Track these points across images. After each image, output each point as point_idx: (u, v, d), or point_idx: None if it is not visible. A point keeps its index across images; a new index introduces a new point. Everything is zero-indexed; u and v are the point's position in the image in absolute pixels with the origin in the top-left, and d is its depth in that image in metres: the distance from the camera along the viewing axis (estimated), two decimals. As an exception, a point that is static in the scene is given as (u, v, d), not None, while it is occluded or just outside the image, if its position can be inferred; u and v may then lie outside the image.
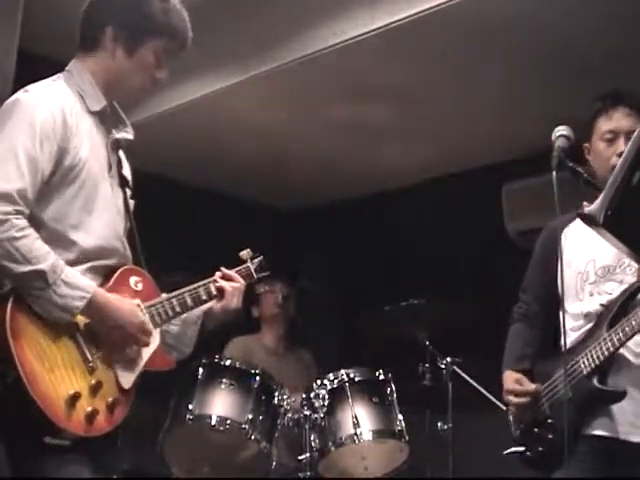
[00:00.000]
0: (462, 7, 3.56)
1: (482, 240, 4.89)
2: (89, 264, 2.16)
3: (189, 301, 2.36)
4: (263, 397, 3.49)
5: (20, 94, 2.16)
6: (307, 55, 4.08)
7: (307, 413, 3.54)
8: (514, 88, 4.30)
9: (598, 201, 1.62)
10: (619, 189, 1.58)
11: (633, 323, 2.41)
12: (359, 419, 3.47)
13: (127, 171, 2.41)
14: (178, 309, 2.33)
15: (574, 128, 2.47)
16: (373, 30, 3.83)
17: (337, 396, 3.55)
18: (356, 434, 3.44)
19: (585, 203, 2.67)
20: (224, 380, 3.48)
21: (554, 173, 2.26)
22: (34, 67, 2.71)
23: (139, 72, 2.30)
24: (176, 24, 2.32)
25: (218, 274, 2.49)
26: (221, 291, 2.44)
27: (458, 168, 5.23)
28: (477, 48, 3.93)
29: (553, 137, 2.38)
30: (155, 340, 2.26)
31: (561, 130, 2.38)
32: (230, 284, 2.46)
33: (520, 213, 4.73)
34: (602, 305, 2.57)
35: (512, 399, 2.71)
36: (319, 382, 3.61)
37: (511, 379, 2.73)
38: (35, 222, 2.07)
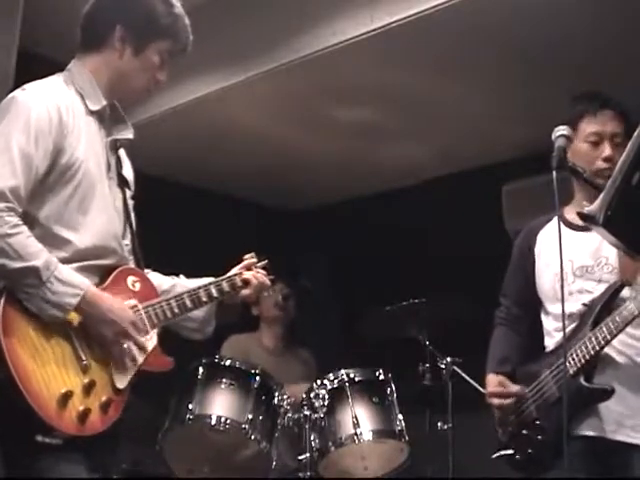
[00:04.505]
0: (462, 7, 3.56)
1: (482, 240, 4.88)
2: (84, 263, 2.15)
3: (188, 302, 2.35)
4: (263, 397, 3.49)
5: (17, 92, 2.17)
6: (307, 55, 4.08)
7: (307, 413, 3.54)
8: (514, 88, 4.29)
9: (598, 201, 1.62)
10: (619, 189, 1.58)
11: (618, 321, 2.42)
12: (359, 419, 3.47)
13: (127, 171, 2.41)
14: (176, 310, 2.32)
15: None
16: (373, 30, 3.83)
17: (337, 396, 3.55)
18: (356, 434, 3.44)
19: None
20: (224, 380, 3.48)
21: (554, 173, 2.26)
22: (34, 67, 2.71)
23: (143, 72, 2.32)
24: (179, 27, 2.35)
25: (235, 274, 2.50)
26: (236, 287, 2.46)
27: (458, 168, 5.22)
28: (477, 48, 3.93)
29: (553, 137, 2.38)
30: (152, 341, 2.25)
31: (561, 130, 2.38)
32: (254, 276, 2.49)
33: (520, 213, 4.72)
34: (584, 305, 2.58)
35: (495, 402, 2.73)
36: (319, 382, 3.61)
37: (493, 382, 2.76)
38: (30, 220, 2.07)
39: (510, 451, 2.70)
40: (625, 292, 2.51)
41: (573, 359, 2.50)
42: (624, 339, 2.49)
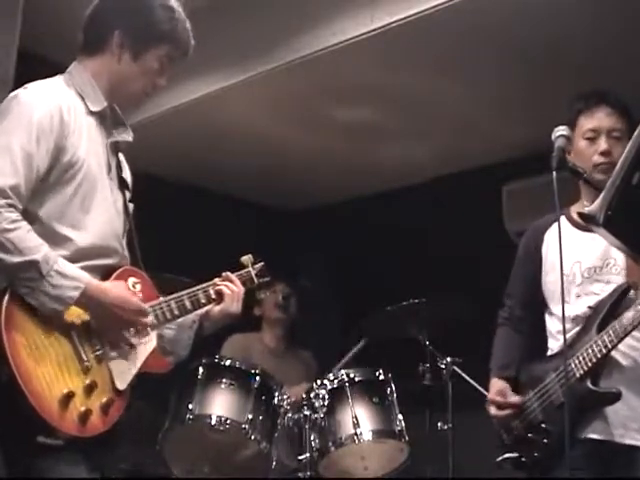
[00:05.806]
0: (462, 7, 3.56)
1: (482, 240, 4.88)
2: (86, 263, 2.15)
3: (188, 304, 2.36)
4: (263, 397, 3.49)
5: (19, 91, 2.18)
6: (307, 55, 4.08)
7: (307, 413, 3.54)
8: (514, 88, 4.29)
9: (598, 201, 1.61)
10: (619, 189, 1.58)
11: (624, 324, 2.41)
12: (359, 419, 3.47)
13: (127, 174, 2.42)
14: (176, 312, 2.33)
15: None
16: (373, 30, 3.83)
17: (337, 396, 3.55)
18: (356, 434, 3.44)
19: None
20: (224, 380, 3.48)
21: (554, 173, 2.26)
22: (34, 67, 2.72)
23: (142, 77, 2.33)
24: (180, 33, 2.36)
25: (218, 279, 2.49)
26: (220, 294, 2.44)
27: (458, 168, 5.22)
28: (477, 48, 3.93)
29: (553, 137, 2.38)
30: (152, 342, 2.25)
31: (561, 130, 2.38)
32: (230, 287, 2.46)
33: (520, 213, 4.73)
34: (590, 307, 2.57)
35: (492, 411, 2.73)
36: (319, 382, 3.61)
37: (495, 389, 2.75)
38: (31, 218, 2.08)
39: (515, 454, 2.69)
40: (632, 294, 2.49)
41: (579, 362, 2.49)
42: (630, 342, 2.48)
